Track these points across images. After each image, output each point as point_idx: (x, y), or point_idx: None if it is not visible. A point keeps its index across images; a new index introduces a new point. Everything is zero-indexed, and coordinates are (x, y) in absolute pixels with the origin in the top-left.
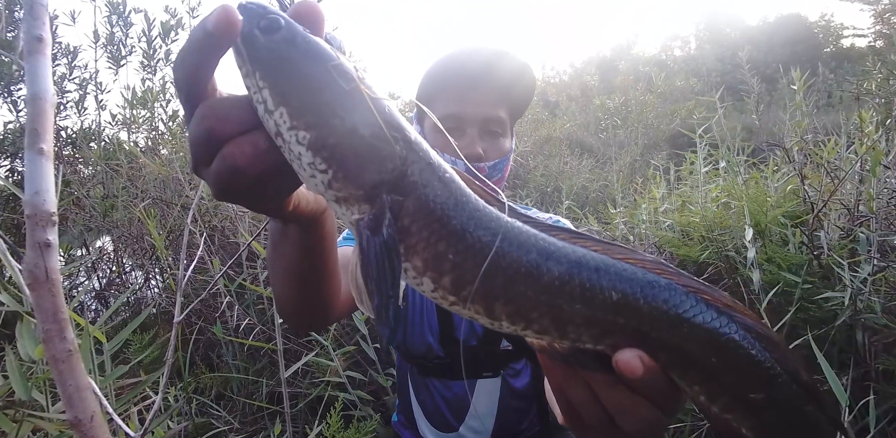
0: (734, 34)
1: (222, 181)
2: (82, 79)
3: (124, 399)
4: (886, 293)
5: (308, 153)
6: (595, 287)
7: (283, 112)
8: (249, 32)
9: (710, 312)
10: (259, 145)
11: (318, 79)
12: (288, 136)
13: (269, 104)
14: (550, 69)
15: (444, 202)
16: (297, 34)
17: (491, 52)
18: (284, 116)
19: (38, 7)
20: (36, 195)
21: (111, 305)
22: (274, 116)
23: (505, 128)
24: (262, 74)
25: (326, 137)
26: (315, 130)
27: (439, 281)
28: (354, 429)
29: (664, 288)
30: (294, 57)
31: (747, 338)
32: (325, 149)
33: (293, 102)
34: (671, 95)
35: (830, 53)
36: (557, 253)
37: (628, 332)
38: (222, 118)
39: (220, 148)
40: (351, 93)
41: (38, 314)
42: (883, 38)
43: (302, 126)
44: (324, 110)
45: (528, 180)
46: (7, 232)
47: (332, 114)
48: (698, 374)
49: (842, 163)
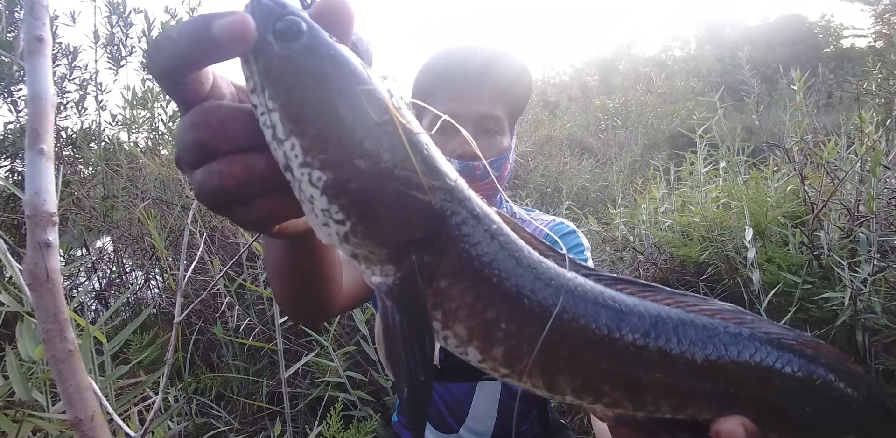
0: (734, 34)
1: (204, 193)
2: (82, 79)
3: (124, 399)
4: (886, 293)
5: (322, 198)
6: (676, 351)
7: (296, 144)
8: (261, 38)
9: (796, 358)
10: (255, 169)
11: (344, 105)
12: (299, 173)
13: (278, 131)
14: (550, 69)
15: (494, 261)
16: (321, 44)
17: (487, 50)
18: (297, 149)
19: (38, 7)
20: (36, 196)
21: (111, 305)
22: (284, 147)
23: (502, 126)
24: (273, 92)
25: (347, 181)
26: (333, 172)
27: (489, 352)
28: (354, 429)
29: (748, 341)
30: (316, 74)
31: (836, 380)
32: (344, 195)
33: (309, 133)
34: (671, 96)
35: (830, 54)
36: (630, 314)
37: (715, 396)
38: (216, 131)
39: (209, 160)
40: (383, 126)
41: (39, 315)
42: (883, 38)
43: (318, 164)
44: (347, 147)
45: (528, 181)
46: (7, 232)
47: (358, 152)
48: (790, 425)
49: (842, 163)
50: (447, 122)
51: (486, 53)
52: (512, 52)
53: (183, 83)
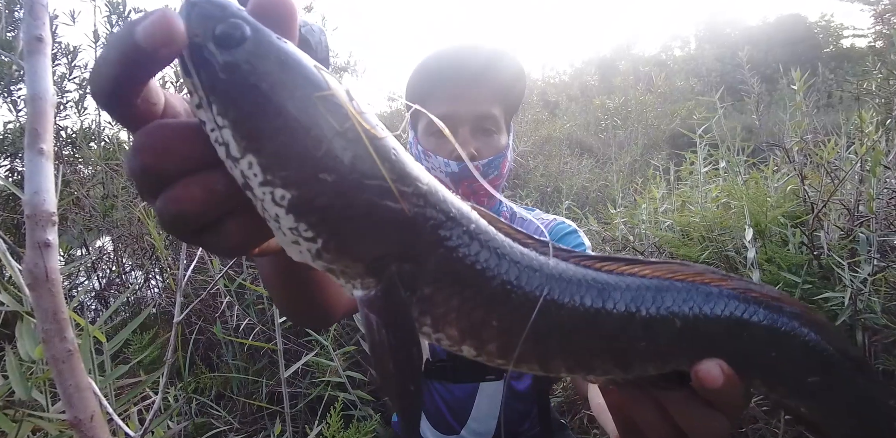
0: (734, 34)
1: (167, 224)
2: (82, 79)
3: (124, 399)
4: (886, 293)
5: (289, 217)
6: (657, 321)
7: (253, 162)
8: (201, 46)
9: (761, 309)
10: (216, 189)
11: (301, 116)
12: (260, 192)
13: (232, 149)
14: (550, 69)
15: (476, 261)
16: (269, 47)
17: (483, 51)
18: (255, 167)
19: (38, 7)
20: (36, 195)
21: (111, 305)
22: (240, 165)
23: (499, 125)
24: (222, 107)
25: (313, 197)
26: (297, 189)
27: (483, 348)
28: (354, 429)
29: (718, 298)
30: (266, 83)
31: (799, 327)
32: (311, 213)
33: (266, 149)
34: (671, 95)
35: (830, 53)
36: (613, 293)
37: (695, 352)
38: (161, 153)
39: (164, 187)
40: (345, 135)
41: (38, 314)
42: (883, 38)
43: (279, 182)
44: (309, 161)
45: (528, 180)
46: (7, 232)
47: (321, 166)
48: (759, 370)
49: (842, 163)
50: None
51: (482, 55)
52: (507, 52)
53: (131, 106)
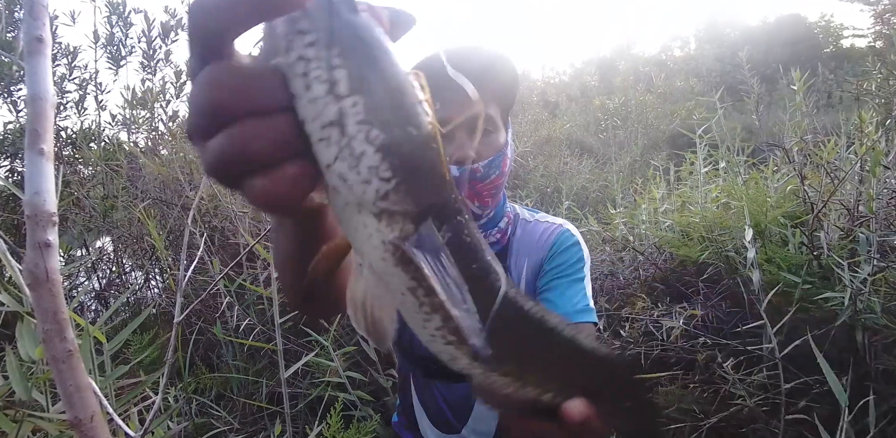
0: (734, 34)
1: (222, 163)
2: (82, 79)
3: (124, 399)
4: (886, 293)
5: (376, 155)
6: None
7: (359, 101)
8: (330, 1)
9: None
10: (283, 131)
11: (402, 79)
12: (354, 129)
13: (340, 87)
14: (550, 69)
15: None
16: (376, 26)
17: (461, 51)
18: (359, 107)
19: (38, 7)
20: (36, 196)
21: (111, 305)
22: (342, 103)
23: (496, 124)
24: (343, 50)
25: (401, 143)
26: (390, 133)
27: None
28: (354, 430)
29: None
30: (380, 46)
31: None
32: (397, 155)
33: (375, 94)
34: (671, 96)
35: (830, 54)
36: None
37: None
38: (240, 91)
39: (227, 125)
40: (423, 105)
41: (39, 315)
42: (883, 38)
43: (377, 123)
44: (404, 114)
45: (528, 181)
46: (7, 232)
47: (412, 121)
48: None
49: (842, 163)
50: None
51: (478, 58)
52: (502, 55)
53: (224, 46)
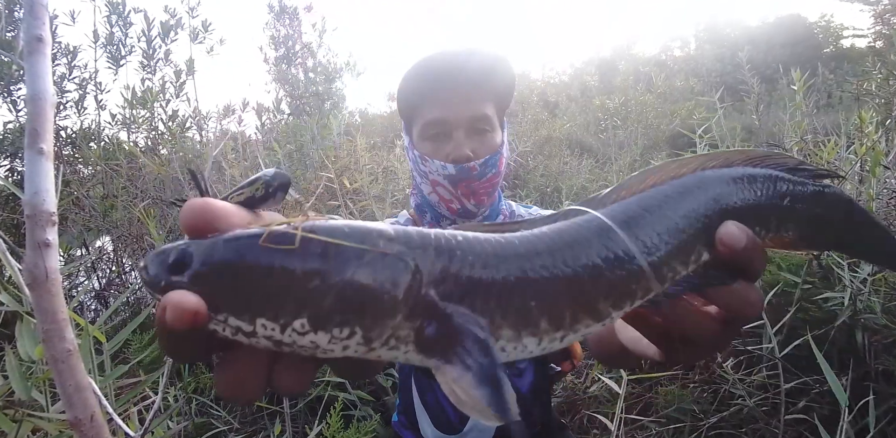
0: (734, 34)
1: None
2: (82, 79)
3: (124, 399)
4: (886, 293)
5: (321, 334)
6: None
7: (264, 322)
8: (172, 282)
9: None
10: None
11: (265, 265)
12: (288, 338)
13: (244, 327)
14: (550, 69)
15: (486, 261)
16: (213, 247)
17: (458, 53)
18: (269, 324)
19: (38, 7)
20: (36, 195)
21: (111, 305)
22: (260, 333)
23: (492, 123)
24: (214, 306)
25: (321, 305)
26: (306, 308)
27: (537, 332)
28: (354, 429)
29: (689, 193)
30: (227, 269)
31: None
32: (332, 315)
33: (266, 307)
34: (671, 96)
35: (830, 54)
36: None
37: (705, 231)
38: (238, 387)
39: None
40: (311, 248)
41: (38, 314)
42: (883, 38)
43: (290, 317)
44: (298, 287)
45: (528, 181)
46: (7, 232)
47: (308, 281)
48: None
49: (842, 163)
50: (438, 128)
51: (475, 59)
52: (499, 56)
53: (208, 341)
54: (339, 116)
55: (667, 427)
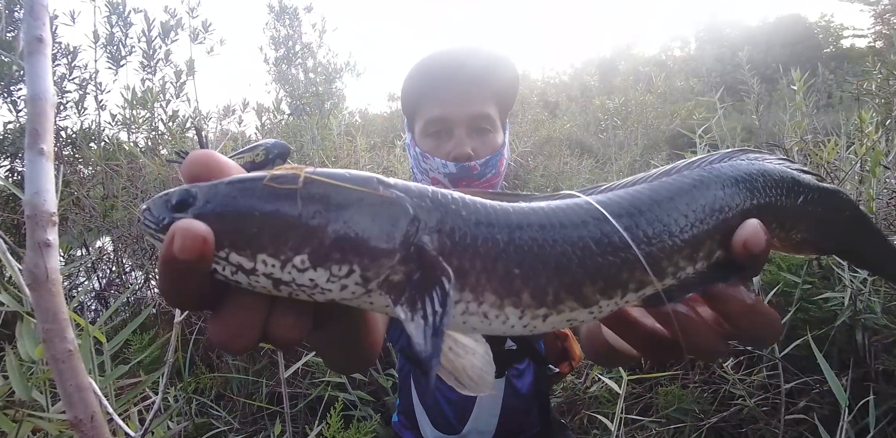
0: (734, 34)
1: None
2: (82, 79)
3: (124, 399)
4: (886, 293)
5: (321, 271)
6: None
7: (265, 258)
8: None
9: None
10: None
11: (269, 203)
12: (288, 275)
13: (245, 264)
14: (550, 70)
15: (478, 221)
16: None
17: (462, 51)
18: (269, 260)
19: (38, 7)
20: (36, 195)
21: (111, 305)
22: (260, 270)
23: (494, 124)
24: (219, 245)
25: (322, 242)
26: (308, 244)
27: (520, 304)
28: (354, 429)
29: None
30: (231, 206)
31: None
32: (332, 252)
33: (265, 244)
34: (671, 96)
35: (830, 54)
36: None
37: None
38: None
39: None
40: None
41: (38, 315)
42: (883, 38)
43: (290, 253)
44: (300, 224)
45: (528, 181)
46: (7, 232)
47: (310, 218)
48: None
49: (842, 163)
50: (439, 125)
51: (479, 57)
52: (502, 55)
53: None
54: (339, 116)
55: (667, 427)
